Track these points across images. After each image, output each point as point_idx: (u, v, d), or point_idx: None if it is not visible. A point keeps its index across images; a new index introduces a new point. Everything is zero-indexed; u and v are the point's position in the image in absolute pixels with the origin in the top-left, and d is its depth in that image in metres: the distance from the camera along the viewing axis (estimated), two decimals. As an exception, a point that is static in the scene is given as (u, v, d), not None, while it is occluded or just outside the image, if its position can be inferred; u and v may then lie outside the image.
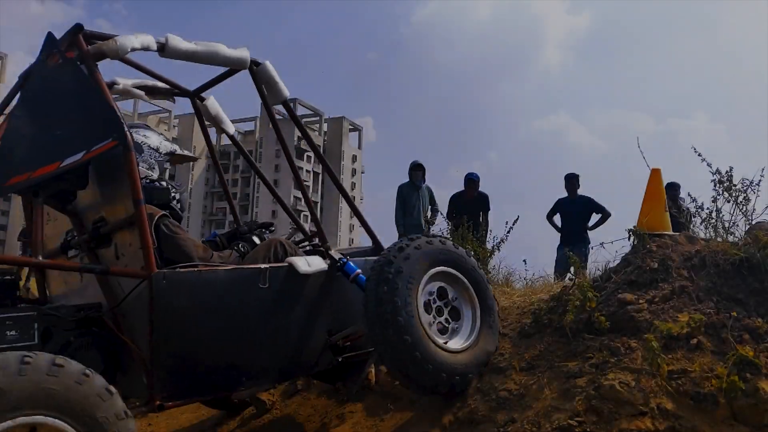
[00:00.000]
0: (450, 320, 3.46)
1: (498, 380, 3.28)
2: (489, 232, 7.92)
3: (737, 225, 4.11)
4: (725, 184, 4.13)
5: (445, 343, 3.33)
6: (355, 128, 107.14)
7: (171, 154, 3.65)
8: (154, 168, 3.50)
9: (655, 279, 3.48)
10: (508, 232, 7.31)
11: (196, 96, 4.07)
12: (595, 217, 8.35)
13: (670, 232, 3.96)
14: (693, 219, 4.51)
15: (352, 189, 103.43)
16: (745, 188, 4.09)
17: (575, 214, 8.27)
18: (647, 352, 2.91)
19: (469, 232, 7.14)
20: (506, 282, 7.05)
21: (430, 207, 8.84)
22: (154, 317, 2.78)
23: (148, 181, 3.28)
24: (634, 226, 3.88)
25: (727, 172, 4.16)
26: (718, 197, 4.19)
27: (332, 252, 3.58)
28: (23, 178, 2.72)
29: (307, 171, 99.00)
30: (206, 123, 4.22)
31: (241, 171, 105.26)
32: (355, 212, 3.99)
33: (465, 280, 3.52)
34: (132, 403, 2.64)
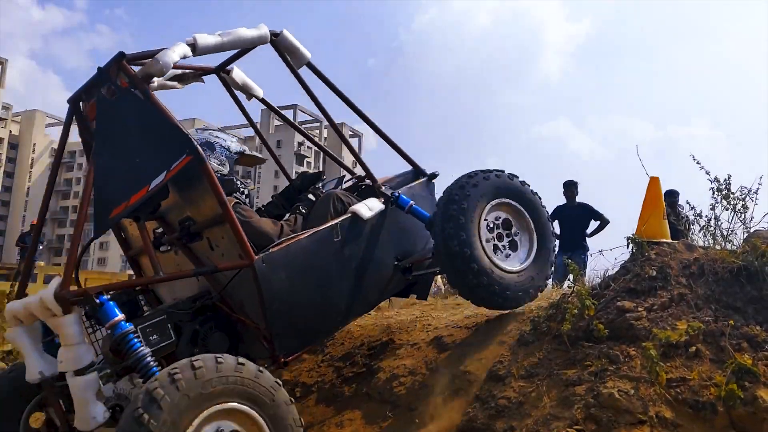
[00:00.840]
0: (508, 247, 3.99)
1: (497, 388, 3.29)
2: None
3: (735, 233, 4.13)
4: (723, 192, 4.15)
5: (507, 264, 3.87)
6: (356, 134, 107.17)
7: (240, 154, 3.99)
8: (224, 164, 3.81)
9: (654, 287, 3.48)
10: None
11: (221, 71, 4.30)
12: (593, 224, 8.35)
13: (669, 240, 3.97)
14: (692, 227, 4.52)
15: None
16: (743, 196, 4.11)
17: (574, 221, 8.28)
18: (646, 360, 2.92)
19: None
20: (506, 289, 7.04)
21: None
22: (264, 294, 3.21)
23: (218, 175, 3.48)
24: (633, 234, 3.88)
25: (725, 180, 4.18)
26: (716, 205, 4.21)
27: (384, 189, 3.99)
28: (122, 208, 3.09)
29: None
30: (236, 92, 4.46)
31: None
32: (387, 140, 4.29)
33: (523, 210, 4.02)
34: (260, 365, 2.88)
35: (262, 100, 4.47)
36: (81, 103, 3.68)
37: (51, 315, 2.91)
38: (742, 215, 4.10)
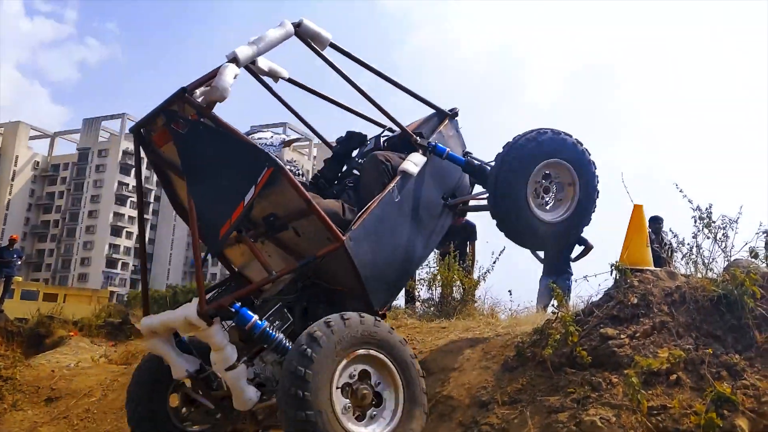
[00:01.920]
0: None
1: (480, 414, 3.31)
2: (476, 262, 7.97)
3: (716, 261, 4.20)
4: (705, 221, 4.22)
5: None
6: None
7: (284, 143, 4.47)
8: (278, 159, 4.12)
9: (637, 314, 3.53)
10: (494, 262, 7.35)
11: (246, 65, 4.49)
12: (577, 249, 8.41)
13: (652, 268, 4.02)
14: (674, 254, 4.59)
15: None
16: (724, 225, 4.18)
17: (559, 245, 8.31)
18: (628, 387, 2.95)
19: (455, 261, 7.18)
20: (491, 313, 7.08)
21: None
22: (356, 265, 3.78)
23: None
24: (617, 262, 3.93)
25: (707, 209, 4.26)
26: (698, 233, 4.28)
27: (420, 141, 4.40)
28: (227, 227, 3.57)
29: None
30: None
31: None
32: (409, 92, 4.66)
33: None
34: None
35: (290, 80, 4.62)
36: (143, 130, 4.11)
37: (196, 329, 3.48)
38: (723, 244, 4.17)
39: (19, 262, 15.72)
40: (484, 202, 4.64)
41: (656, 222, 8.94)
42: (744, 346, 3.25)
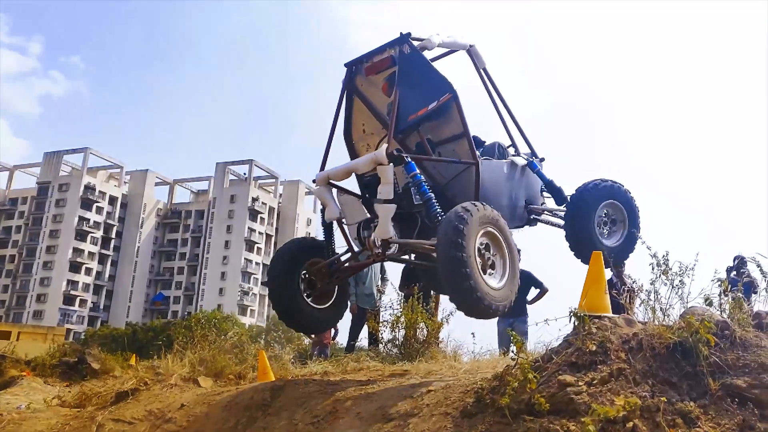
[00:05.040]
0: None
1: (438, 462, 3.26)
2: (439, 305, 7.97)
3: (673, 308, 4.27)
4: (662, 268, 4.31)
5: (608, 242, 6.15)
6: (311, 192, 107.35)
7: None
8: None
9: (595, 361, 3.56)
10: (458, 305, 7.37)
11: (467, 49, 6.38)
12: (533, 292, 8.52)
13: (610, 315, 4.07)
14: (633, 300, 4.66)
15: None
16: (681, 272, 4.27)
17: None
18: (585, 435, 2.95)
19: (419, 303, 7.18)
20: (454, 356, 7.06)
21: (380, 276, 8.86)
22: (477, 184, 5.48)
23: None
24: (576, 308, 3.97)
25: (663, 256, 4.35)
26: (655, 280, 4.36)
27: (522, 155, 6.24)
28: (415, 116, 5.39)
29: (260, 233, 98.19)
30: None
31: (191, 231, 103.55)
32: (516, 124, 6.49)
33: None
34: None
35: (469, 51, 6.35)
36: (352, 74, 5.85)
37: (377, 165, 5.01)
38: (680, 290, 4.25)
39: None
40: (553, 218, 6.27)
41: (618, 266, 9.07)
42: (698, 393, 3.29)
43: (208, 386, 6.47)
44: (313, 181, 5.59)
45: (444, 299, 8.08)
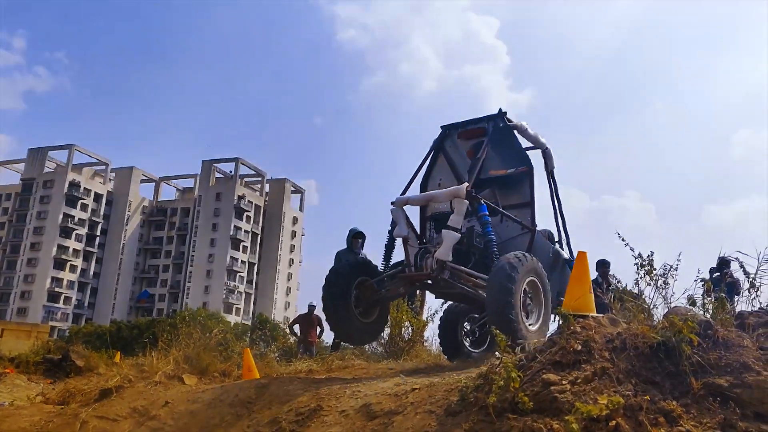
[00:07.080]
0: None
1: (422, 460, 3.26)
2: (425, 303, 8.00)
3: (657, 307, 4.30)
4: (646, 268, 4.34)
5: None
6: (298, 190, 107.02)
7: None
8: None
9: (579, 360, 3.57)
10: (444, 303, 7.39)
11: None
12: None
13: (594, 314, 4.09)
14: (618, 300, 4.69)
15: (291, 251, 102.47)
16: (664, 273, 4.30)
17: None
18: (568, 434, 2.96)
19: (404, 302, 7.19)
20: (439, 354, 7.06)
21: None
22: (531, 247, 6.19)
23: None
24: (560, 307, 3.99)
25: (648, 256, 4.39)
26: (640, 280, 4.39)
27: (563, 253, 6.91)
28: (498, 173, 6.42)
29: (246, 231, 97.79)
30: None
31: (177, 228, 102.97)
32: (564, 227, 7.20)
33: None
34: None
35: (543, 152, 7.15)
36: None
37: (454, 197, 5.67)
38: (664, 291, 4.29)
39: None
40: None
41: (603, 266, 9.15)
42: (681, 392, 3.31)
43: (192, 384, 6.43)
44: (392, 203, 6.11)
45: (429, 298, 8.12)
